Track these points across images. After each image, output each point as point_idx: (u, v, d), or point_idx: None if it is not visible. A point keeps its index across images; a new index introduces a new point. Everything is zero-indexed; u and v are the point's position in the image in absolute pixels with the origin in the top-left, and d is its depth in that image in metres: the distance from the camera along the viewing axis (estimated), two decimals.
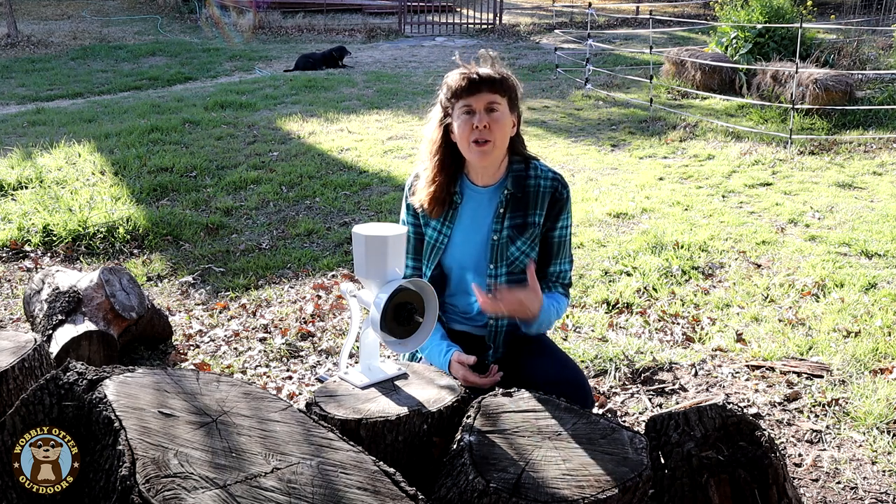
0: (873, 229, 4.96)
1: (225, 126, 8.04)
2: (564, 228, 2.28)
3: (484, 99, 2.13)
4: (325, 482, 1.46)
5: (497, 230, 2.24)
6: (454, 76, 2.18)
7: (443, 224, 2.28)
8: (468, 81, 2.14)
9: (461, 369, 2.15)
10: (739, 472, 1.81)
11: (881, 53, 9.81)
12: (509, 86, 2.18)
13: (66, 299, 3.30)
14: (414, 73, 11.66)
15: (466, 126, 2.14)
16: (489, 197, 2.27)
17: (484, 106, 2.13)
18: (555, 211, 2.25)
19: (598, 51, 12.33)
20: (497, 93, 2.14)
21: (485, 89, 2.13)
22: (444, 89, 2.21)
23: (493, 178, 2.26)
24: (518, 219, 2.24)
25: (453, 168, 2.27)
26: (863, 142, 7.15)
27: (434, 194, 2.26)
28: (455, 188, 2.28)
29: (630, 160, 6.92)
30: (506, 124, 2.16)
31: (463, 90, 2.14)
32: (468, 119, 2.14)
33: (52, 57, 13.01)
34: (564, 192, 2.25)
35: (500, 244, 2.24)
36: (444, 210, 2.27)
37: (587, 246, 4.77)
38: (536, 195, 2.24)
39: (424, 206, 2.28)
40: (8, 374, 2.03)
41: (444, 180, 2.25)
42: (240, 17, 16.88)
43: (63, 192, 5.60)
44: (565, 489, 1.57)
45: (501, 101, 2.15)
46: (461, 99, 2.15)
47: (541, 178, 2.25)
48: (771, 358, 3.39)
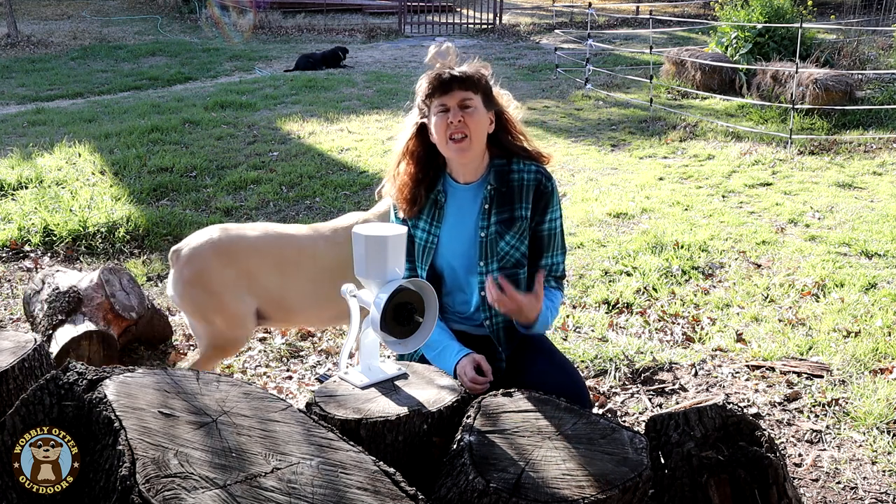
0: (873, 229, 4.96)
1: (225, 126, 8.04)
2: (554, 221, 2.29)
3: (457, 96, 2.17)
4: (325, 482, 1.46)
5: (483, 226, 2.25)
6: (426, 77, 2.23)
7: (430, 224, 2.30)
8: (439, 81, 2.19)
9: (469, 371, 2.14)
10: (739, 472, 1.81)
11: (881, 53, 9.81)
12: (481, 83, 2.22)
13: (66, 299, 3.30)
14: (414, 73, 11.66)
15: (442, 123, 2.18)
16: (473, 194, 2.29)
17: (458, 103, 2.17)
18: (541, 204, 2.26)
19: (598, 51, 12.33)
20: (469, 90, 2.18)
21: (456, 87, 2.17)
22: (419, 92, 2.26)
23: (475, 174, 2.28)
24: (505, 213, 2.25)
25: (430, 169, 2.30)
26: (863, 142, 7.15)
27: (404, 196, 2.29)
28: (439, 187, 2.30)
29: (630, 160, 6.92)
30: (481, 120, 2.19)
31: (435, 89, 2.19)
32: (444, 117, 2.17)
33: (52, 57, 13.01)
34: (549, 184, 2.27)
35: (489, 240, 2.25)
36: (428, 210, 2.30)
37: (587, 246, 4.77)
38: (521, 189, 2.25)
39: (399, 208, 2.32)
40: (8, 374, 2.03)
41: (414, 182, 2.28)
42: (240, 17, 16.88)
43: (63, 192, 5.60)
44: (565, 489, 1.57)
45: (475, 97, 2.19)
46: (435, 98, 2.19)
47: (524, 171, 2.26)
48: (771, 358, 3.39)
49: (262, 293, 2.80)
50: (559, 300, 2.35)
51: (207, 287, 2.73)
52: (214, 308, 2.75)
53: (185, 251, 2.77)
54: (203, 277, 2.73)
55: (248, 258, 2.78)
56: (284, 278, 2.81)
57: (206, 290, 2.73)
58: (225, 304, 2.74)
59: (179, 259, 2.76)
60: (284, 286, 2.81)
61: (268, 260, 2.80)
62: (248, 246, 2.80)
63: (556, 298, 2.32)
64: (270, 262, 2.80)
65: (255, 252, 2.79)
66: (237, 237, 2.82)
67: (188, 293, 2.75)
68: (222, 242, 2.78)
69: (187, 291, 2.74)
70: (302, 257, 2.82)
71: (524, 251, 2.28)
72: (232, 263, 2.75)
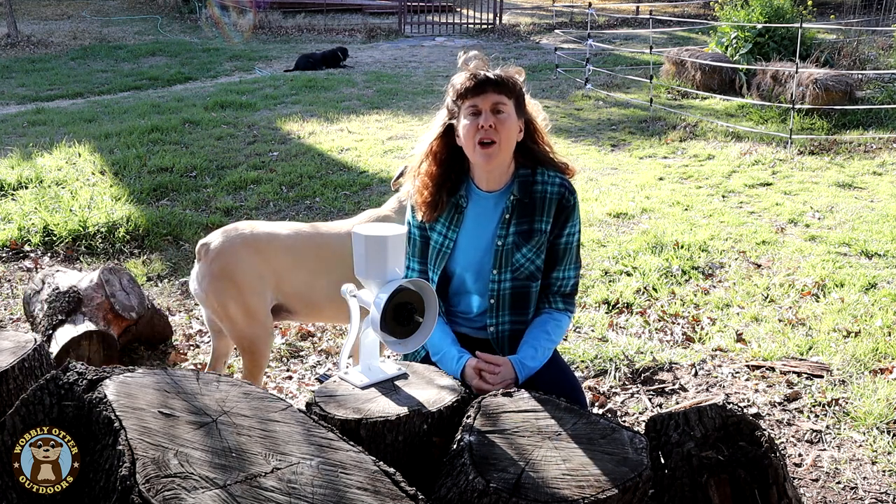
0: (873, 229, 4.96)
1: (225, 126, 8.04)
2: (571, 235, 2.24)
3: (490, 99, 2.10)
4: (325, 482, 1.46)
5: (502, 236, 2.21)
6: (460, 77, 2.15)
7: (448, 228, 2.25)
8: (474, 81, 2.11)
9: (475, 377, 2.13)
10: (739, 472, 1.81)
11: (881, 53, 9.81)
12: (516, 88, 2.16)
13: (66, 299, 3.30)
14: (414, 73, 11.66)
15: (472, 126, 2.11)
16: (494, 202, 2.24)
17: (490, 106, 2.10)
18: (562, 218, 2.21)
19: (598, 51, 12.33)
20: (503, 94, 2.12)
21: (490, 89, 2.10)
22: (451, 91, 2.19)
23: (499, 183, 2.23)
24: (524, 225, 2.20)
25: (453, 172, 2.24)
26: (863, 142, 7.15)
27: (423, 199, 2.24)
28: (461, 192, 2.25)
29: (630, 160, 6.92)
30: (511, 127, 2.13)
31: (469, 91, 2.12)
32: (474, 120, 2.11)
33: (52, 57, 13.01)
34: (572, 198, 2.21)
35: (505, 250, 2.21)
36: (447, 213, 2.25)
37: (587, 246, 4.77)
38: (543, 201, 2.20)
39: (417, 210, 2.27)
40: (8, 374, 2.03)
41: (436, 186, 2.22)
42: (240, 17, 16.87)
43: (63, 192, 5.60)
44: (565, 489, 1.57)
45: (508, 103, 2.13)
46: (467, 100, 2.12)
47: (548, 183, 2.20)
48: (771, 358, 3.39)
49: (289, 290, 2.82)
50: (565, 325, 2.28)
51: (235, 282, 2.73)
52: (237, 303, 2.75)
53: (214, 245, 2.76)
54: (232, 273, 2.73)
55: (277, 255, 2.79)
56: (312, 276, 2.82)
57: (233, 285, 2.73)
58: (246, 300, 2.75)
59: (209, 253, 2.76)
60: (312, 284, 2.82)
61: (297, 257, 2.81)
62: (278, 243, 2.81)
63: (558, 327, 2.25)
64: (299, 259, 2.81)
65: (285, 250, 2.80)
66: (268, 234, 2.82)
67: (214, 287, 2.74)
68: (253, 239, 2.79)
69: (214, 286, 2.74)
70: (330, 255, 2.83)
71: (539, 265, 2.23)
72: (262, 260, 2.76)
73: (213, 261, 2.74)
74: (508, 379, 2.12)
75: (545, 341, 2.21)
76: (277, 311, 2.86)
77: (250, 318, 2.76)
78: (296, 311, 2.89)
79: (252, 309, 2.75)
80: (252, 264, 2.75)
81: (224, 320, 2.79)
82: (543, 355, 2.21)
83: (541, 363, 2.20)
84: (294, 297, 2.83)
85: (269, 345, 2.85)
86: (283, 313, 2.88)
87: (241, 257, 2.75)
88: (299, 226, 2.93)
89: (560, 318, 2.26)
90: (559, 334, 2.26)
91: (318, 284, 2.82)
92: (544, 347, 2.21)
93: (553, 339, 2.24)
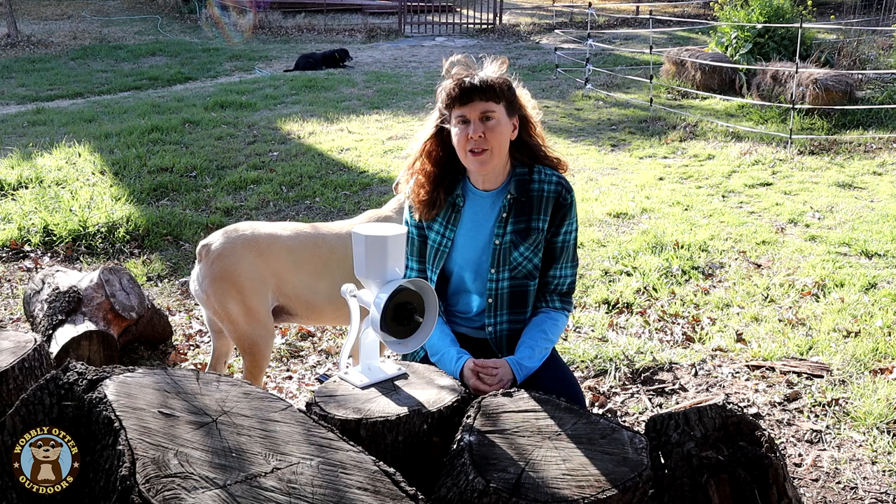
0: (873, 229, 4.96)
1: (225, 126, 8.04)
2: (568, 234, 2.25)
3: (478, 108, 2.10)
4: (325, 482, 1.46)
5: (499, 234, 2.21)
6: (448, 85, 2.15)
7: (445, 227, 2.26)
8: (460, 90, 2.11)
9: (473, 378, 2.13)
10: (739, 472, 1.81)
11: (881, 53, 9.81)
12: (504, 91, 2.14)
13: (66, 299, 3.30)
14: (414, 73, 11.66)
15: (462, 136, 2.12)
16: (492, 201, 2.24)
17: (478, 115, 2.10)
18: (559, 216, 2.22)
19: (598, 51, 12.33)
20: (491, 100, 2.11)
21: (477, 98, 2.10)
22: (438, 99, 2.20)
23: (495, 182, 2.23)
24: (521, 224, 2.21)
25: (450, 171, 2.25)
26: (863, 142, 7.15)
27: (420, 197, 2.25)
28: (458, 191, 2.26)
29: (630, 160, 6.92)
30: (503, 132, 2.13)
31: (456, 99, 2.12)
32: (464, 129, 2.12)
33: (52, 57, 13.01)
34: (569, 196, 2.22)
35: (503, 249, 2.21)
36: (444, 212, 2.26)
37: (587, 246, 4.77)
38: (540, 200, 2.21)
39: (415, 210, 2.28)
40: (8, 374, 2.03)
41: (432, 184, 2.23)
42: (240, 17, 16.88)
43: (63, 192, 5.60)
44: (565, 489, 1.57)
45: (497, 108, 2.12)
46: (455, 108, 2.13)
47: (545, 182, 2.21)
48: (771, 358, 3.39)
49: (291, 292, 2.81)
50: (562, 323, 2.28)
51: (235, 283, 2.73)
52: (238, 304, 2.75)
53: (215, 246, 2.76)
54: (232, 273, 2.73)
55: (277, 257, 2.79)
56: (313, 277, 2.82)
57: (233, 286, 2.73)
58: (247, 301, 2.74)
59: (210, 254, 2.76)
60: (312, 285, 2.82)
61: (298, 259, 2.81)
62: (279, 245, 2.80)
63: (555, 326, 2.25)
64: (300, 260, 2.81)
65: (286, 251, 2.80)
66: (268, 235, 2.82)
67: (215, 288, 2.74)
68: (254, 240, 2.79)
69: (214, 287, 2.74)
70: (331, 256, 2.82)
71: (537, 263, 2.23)
72: (263, 261, 2.76)
73: (214, 262, 2.74)
74: (506, 380, 2.12)
75: (542, 341, 2.21)
76: (278, 314, 2.86)
77: (251, 319, 2.76)
78: (296, 314, 2.88)
79: (253, 309, 2.75)
80: (253, 265, 2.75)
81: (225, 321, 2.79)
82: (541, 355, 2.21)
83: (539, 363, 2.20)
84: (294, 298, 2.83)
85: (270, 345, 2.85)
86: (284, 315, 2.88)
87: (241, 258, 2.75)
88: (300, 226, 2.92)
89: (557, 316, 2.27)
90: (557, 333, 2.26)
91: (318, 286, 2.82)
92: (542, 347, 2.21)
93: (550, 339, 2.24)
